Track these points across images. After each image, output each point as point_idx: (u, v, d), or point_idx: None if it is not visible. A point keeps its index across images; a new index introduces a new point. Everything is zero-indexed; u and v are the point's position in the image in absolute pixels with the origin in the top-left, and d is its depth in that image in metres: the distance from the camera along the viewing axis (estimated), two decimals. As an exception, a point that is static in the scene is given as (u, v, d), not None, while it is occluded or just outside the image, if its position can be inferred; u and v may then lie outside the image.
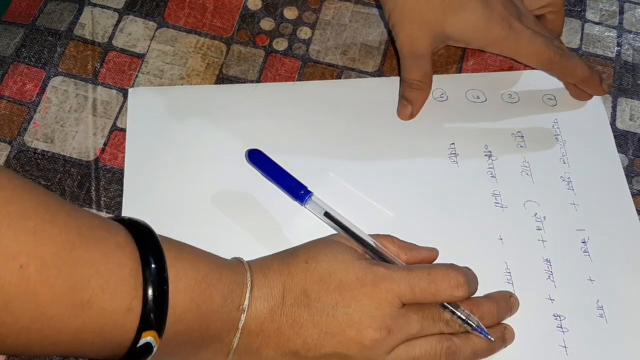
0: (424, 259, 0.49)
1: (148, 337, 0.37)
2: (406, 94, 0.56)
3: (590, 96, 0.59)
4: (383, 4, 0.55)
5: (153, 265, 0.37)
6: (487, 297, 0.48)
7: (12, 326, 0.34)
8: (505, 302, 0.48)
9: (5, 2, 0.60)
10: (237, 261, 0.44)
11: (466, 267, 0.47)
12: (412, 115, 0.56)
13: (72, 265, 0.34)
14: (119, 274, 0.36)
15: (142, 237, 0.38)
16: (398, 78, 0.59)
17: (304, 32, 0.62)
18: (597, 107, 0.59)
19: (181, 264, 0.39)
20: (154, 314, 0.37)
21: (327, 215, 0.49)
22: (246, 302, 0.42)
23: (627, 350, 0.49)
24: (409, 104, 0.56)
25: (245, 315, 0.41)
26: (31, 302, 0.33)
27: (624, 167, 0.56)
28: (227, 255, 0.45)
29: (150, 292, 0.36)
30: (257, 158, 0.53)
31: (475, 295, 0.47)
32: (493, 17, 0.53)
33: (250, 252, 0.46)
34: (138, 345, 0.37)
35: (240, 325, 0.41)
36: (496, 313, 0.47)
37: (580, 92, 0.58)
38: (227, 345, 0.42)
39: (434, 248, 0.50)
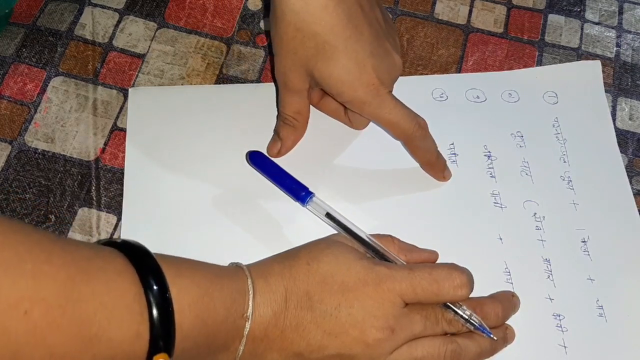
0: (424, 261, 0.49)
1: None
2: (278, 128, 0.54)
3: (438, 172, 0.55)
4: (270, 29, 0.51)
5: (155, 287, 0.37)
6: (490, 297, 0.48)
7: None
8: (509, 302, 0.48)
9: (7, 14, 0.60)
10: (237, 268, 0.44)
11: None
12: (279, 154, 0.54)
13: (75, 301, 0.34)
14: (123, 302, 0.36)
15: (140, 259, 0.38)
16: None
17: (304, 32, 0.61)
18: (600, 104, 0.59)
19: (181, 281, 0.39)
20: (162, 337, 0.36)
21: (328, 216, 0.50)
22: (250, 310, 0.42)
23: (626, 349, 0.49)
24: (279, 140, 0.54)
25: (249, 322, 0.41)
26: (40, 346, 0.33)
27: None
28: (228, 256, 0.45)
29: (155, 314, 0.36)
30: (258, 160, 0.53)
31: (475, 295, 0.47)
32: (361, 78, 0.49)
33: (251, 253, 0.46)
34: None
35: (245, 332, 0.41)
36: (501, 313, 0.47)
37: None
38: (233, 352, 0.42)
39: (434, 251, 0.50)
